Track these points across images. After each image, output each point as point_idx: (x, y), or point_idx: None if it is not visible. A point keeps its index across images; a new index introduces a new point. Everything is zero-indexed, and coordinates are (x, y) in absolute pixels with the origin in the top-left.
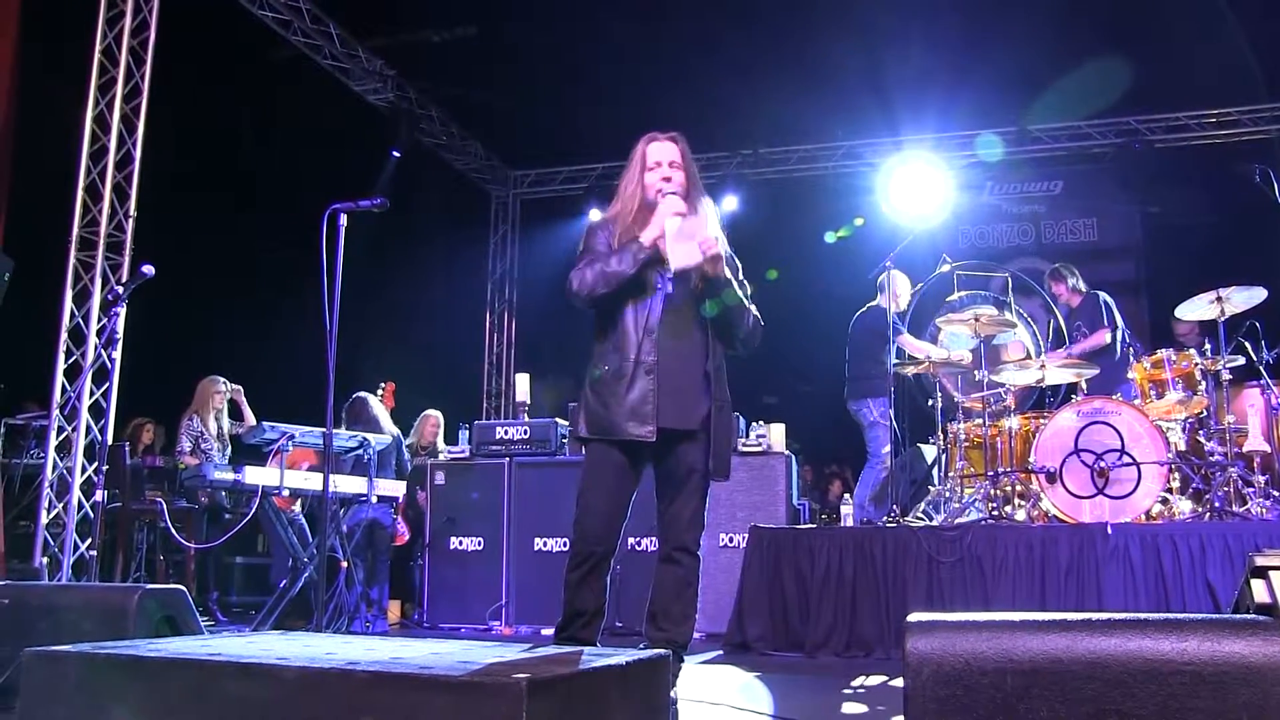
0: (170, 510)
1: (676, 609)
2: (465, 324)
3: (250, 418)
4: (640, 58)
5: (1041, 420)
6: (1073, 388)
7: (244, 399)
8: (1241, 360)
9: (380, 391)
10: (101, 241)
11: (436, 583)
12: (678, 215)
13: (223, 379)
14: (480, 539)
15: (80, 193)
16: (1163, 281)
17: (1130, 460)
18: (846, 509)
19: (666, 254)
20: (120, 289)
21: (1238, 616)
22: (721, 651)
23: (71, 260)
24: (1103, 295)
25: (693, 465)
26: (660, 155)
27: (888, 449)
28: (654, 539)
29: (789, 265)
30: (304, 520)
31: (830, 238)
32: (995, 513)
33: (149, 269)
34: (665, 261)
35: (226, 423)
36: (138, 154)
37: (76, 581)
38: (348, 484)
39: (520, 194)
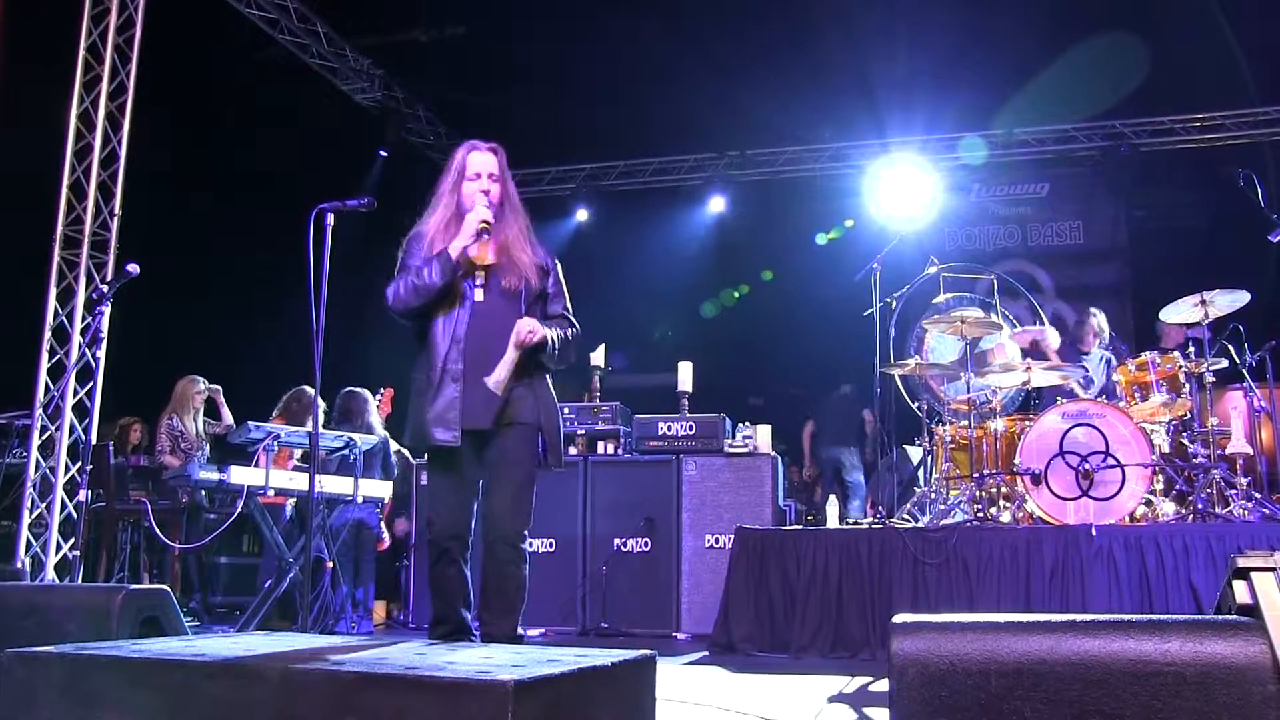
0: (154, 510)
1: (497, 603)
2: None
3: (228, 417)
4: (627, 58)
5: (1027, 422)
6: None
7: (223, 399)
8: (1225, 363)
9: (379, 397)
10: (86, 240)
11: (422, 583)
12: (484, 225)
13: (202, 379)
14: None
15: (65, 190)
16: (1148, 284)
17: (1115, 462)
18: (832, 510)
19: (476, 258)
20: (105, 287)
21: (1220, 618)
22: (707, 652)
23: (55, 259)
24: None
25: (506, 456)
26: (481, 166)
27: None
28: (639, 540)
29: (775, 267)
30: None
31: (821, 239)
32: (980, 514)
33: (134, 267)
34: (474, 270)
35: (203, 422)
36: (123, 152)
37: (59, 582)
38: (333, 484)
39: None
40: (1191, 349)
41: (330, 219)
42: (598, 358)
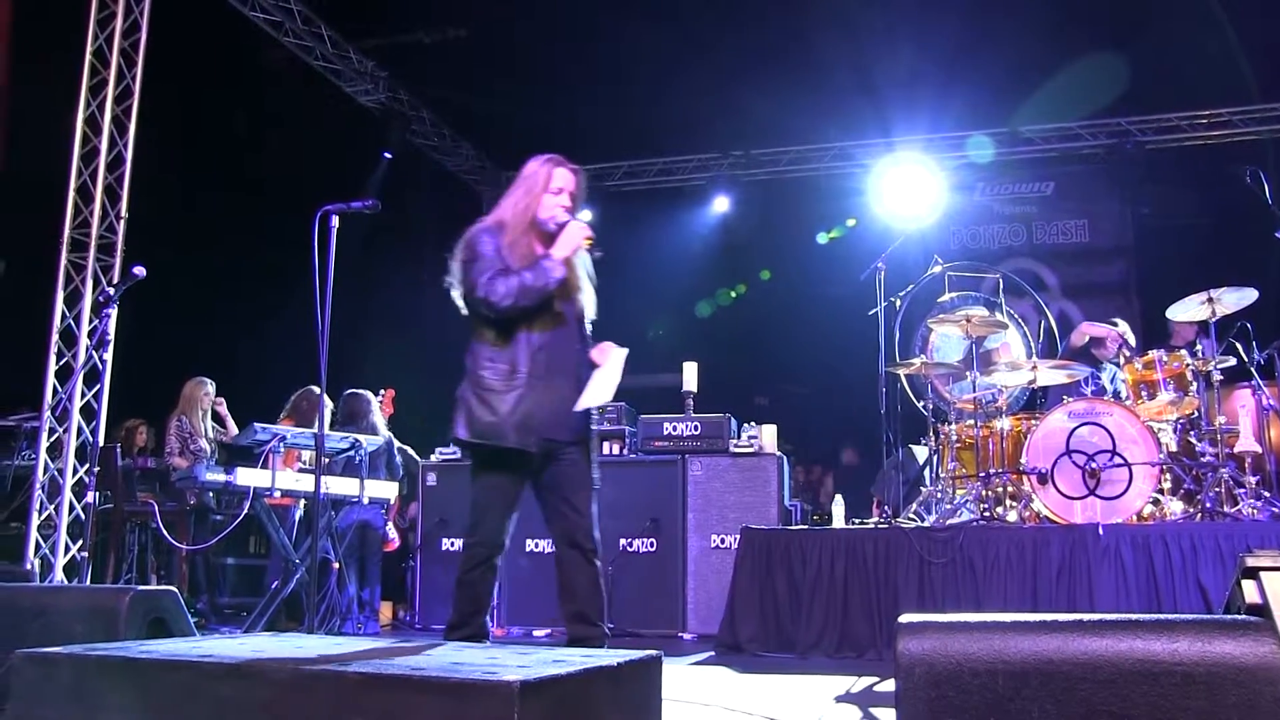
0: (161, 512)
1: (596, 604)
2: (458, 325)
3: (233, 428)
4: (631, 59)
5: (1033, 421)
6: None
7: (226, 410)
8: (1233, 361)
9: (380, 397)
10: (93, 243)
11: (428, 584)
12: (589, 240)
13: (209, 381)
14: None
15: (72, 194)
16: (1154, 282)
17: (1122, 461)
18: (838, 510)
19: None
20: (112, 290)
21: (1229, 617)
22: (713, 652)
23: (63, 262)
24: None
25: (585, 470)
26: (565, 183)
27: None
28: (645, 540)
29: (779, 266)
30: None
31: (823, 238)
32: (987, 513)
33: (140, 270)
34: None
35: (211, 427)
36: (129, 155)
37: (68, 583)
38: (339, 485)
39: None
40: (1200, 347)
41: (335, 220)
42: None
